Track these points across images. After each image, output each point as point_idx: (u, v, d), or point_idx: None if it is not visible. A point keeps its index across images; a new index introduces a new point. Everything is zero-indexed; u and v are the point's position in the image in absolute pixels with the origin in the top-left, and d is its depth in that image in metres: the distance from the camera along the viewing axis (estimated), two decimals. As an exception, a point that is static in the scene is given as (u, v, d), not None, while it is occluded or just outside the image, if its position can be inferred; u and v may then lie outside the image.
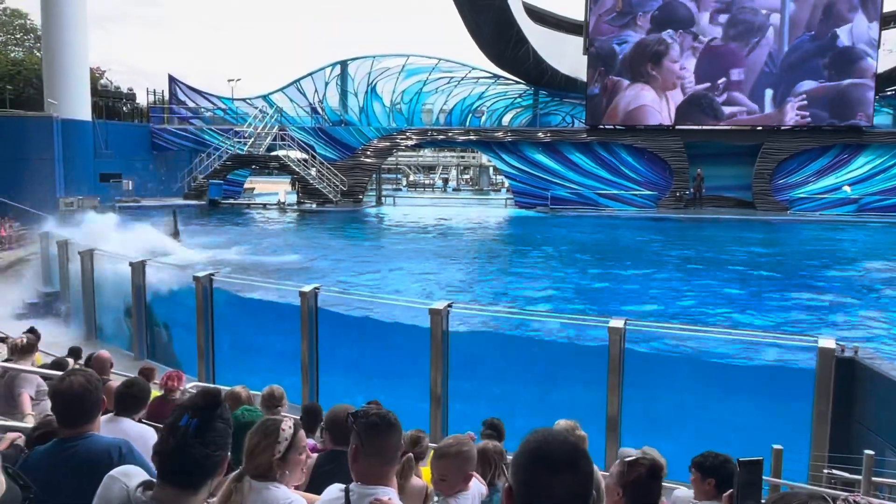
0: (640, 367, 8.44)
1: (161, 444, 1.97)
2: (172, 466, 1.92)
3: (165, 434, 1.95)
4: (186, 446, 1.90)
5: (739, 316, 13.58)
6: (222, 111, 37.83)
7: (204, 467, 1.93)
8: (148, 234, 19.49)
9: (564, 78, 34.93)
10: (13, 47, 48.24)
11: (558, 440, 1.50)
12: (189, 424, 1.90)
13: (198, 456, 1.90)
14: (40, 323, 13.08)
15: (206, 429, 1.92)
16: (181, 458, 1.90)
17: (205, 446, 1.91)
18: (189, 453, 1.90)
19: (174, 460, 1.91)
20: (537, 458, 1.47)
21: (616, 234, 27.17)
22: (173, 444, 1.91)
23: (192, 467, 1.91)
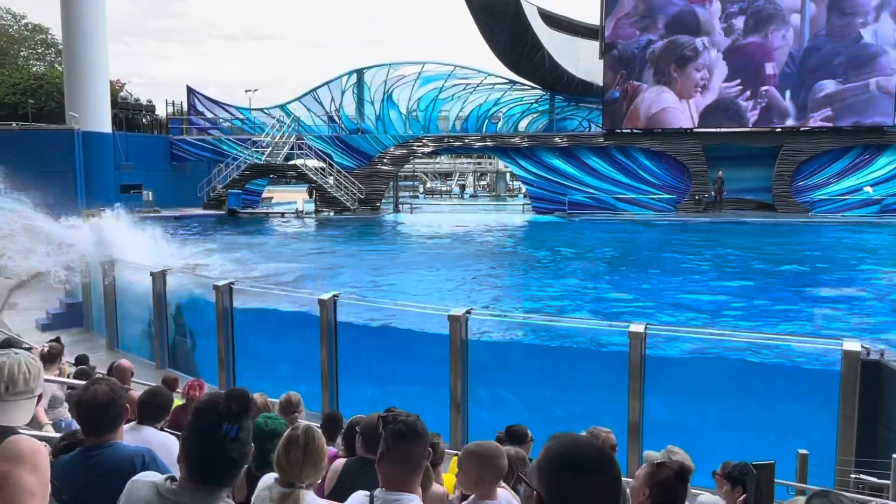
0: (661, 371, 8.37)
1: (196, 447, 2.03)
2: (211, 468, 2.02)
3: (201, 439, 2.02)
4: (227, 450, 2.00)
5: (761, 319, 13.43)
6: (240, 121, 38.14)
7: (239, 466, 2.06)
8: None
9: (580, 82, 34.87)
10: (35, 62, 49.04)
11: (584, 443, 1.50)
12: (229, 431, 1.99)
13: (236, 457, 2.02)
14: (63, 332, 13.25)
15: (240, 431, 2.03)
16: (221, 461, 2.01)
17: (241, 447, 2.03)
18: (229, 456, 2.00)
19: (213, 463, 2.01)
20: (566, 462, 1.47)
21: (636, 238, 27.01)
22: (213, 448, 2.00)
23: (231, 467, 2.03)
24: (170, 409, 4.23)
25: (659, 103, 32.82)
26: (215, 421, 2.01)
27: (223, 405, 2.04)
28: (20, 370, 2.29)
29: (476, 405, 8.99)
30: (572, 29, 35.32)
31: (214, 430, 1.99)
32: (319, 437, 2.78)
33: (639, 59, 32.92)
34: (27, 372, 2.31)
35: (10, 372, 2.25)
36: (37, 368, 2.36)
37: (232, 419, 2.01)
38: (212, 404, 2.08)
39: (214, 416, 2.02)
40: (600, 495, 1.44)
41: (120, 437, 2.84)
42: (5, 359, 2.30)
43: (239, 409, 2.04)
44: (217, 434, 1.99)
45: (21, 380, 2.25)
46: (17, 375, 2.25)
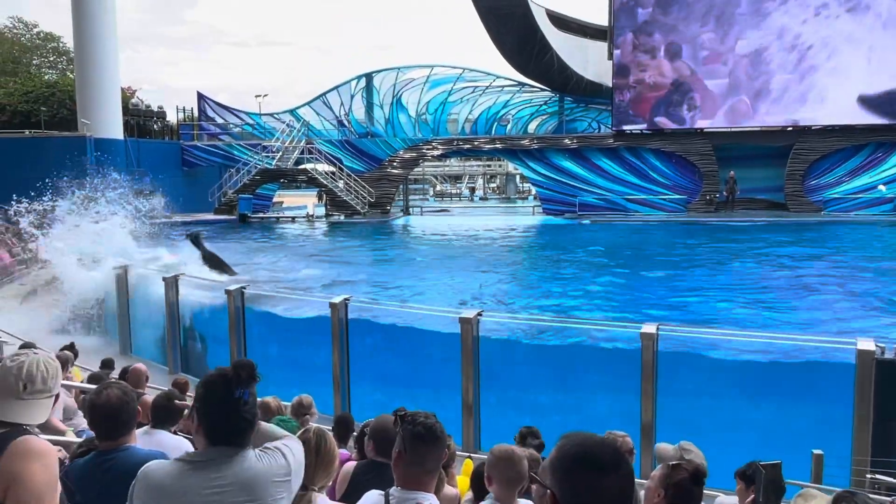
0: (673, 372, 8.34)
1: (215, 415, 2.22)
2: (229, 431, 2.21)
3: (218, 406, 2.22)
4: (242, 413, 2.22)
5: (776, 318, 13.35)
6: (250, 127, 38.31)
7: (252, 426, 2.27)
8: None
9: (589, 83, 34.81)
10: (47, 70, 49.44)
11: (598, 441, 1.51)
12: (243, 395, 2.21)
13: (249, 418, 2.24)
14: (76, 338, 13.33)
15: (250, 395, 2.25)
16: (238, 423, 2.21)
17: (252, 408, 2.25)
18: (244, 417, 2.23)
19: (231, 426, 2.21)
20: (581, 460, 1.47)
21: (648, 239, 26.91)
22: (230, 413, 2.20)
23: (247, 428, 2.25)
24: (182, 413, 4.25)
25: (670, 102, 32.69)
26: (228, 388, 2.21)
27: (232, 374, 2.24)
28: (38, 369, 2.33)
29: (487, 407, 8.99)
30: (581, 30, 35.27)
31: (229, 395, 2.20)
32: (330, 439, 2.80)
33: (652, 54, 32.81)
34: (45, 371, 2.35)
35: (28, 371, 2.29)
36: (54, 368, 2.41)
37: (242, 384, 2.21)
38: (222, 375, 2.27)
39: (226, 384, 2.22)
40: (614, 493, 1.45)
41: (133, 440, 2.86)
42: (24, 358, 2.34)
43: (247, 376, 2.23)
44: (231, 399, 2.19)
45: (39, 378, 2.30)
46: (35, 374, 2.29)
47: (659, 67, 32.83)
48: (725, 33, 32.08)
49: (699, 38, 32.33)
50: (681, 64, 32.56)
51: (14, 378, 2.30)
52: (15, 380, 2.29)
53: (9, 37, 49.59)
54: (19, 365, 2.32)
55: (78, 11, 30.97)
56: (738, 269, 19.20)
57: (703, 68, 32.41)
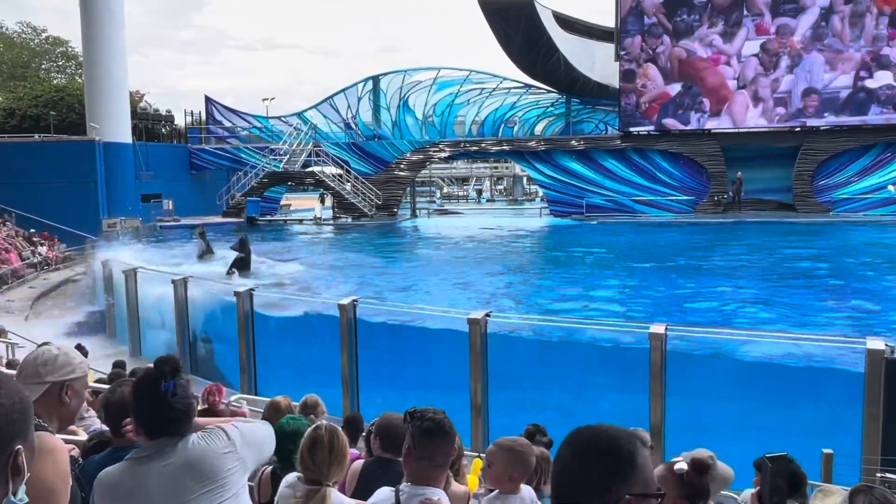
0: (682, 372, 8.33)
1: (146, 411, 2.31)
2: (163, 423, 2.28)
3: (146, 402, 2.30)
4: (173, 403, 2.27)
5: (785, 318, 13.32)
6: (258, 130, 38.44)
7: (188, 414, 2.33)
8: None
9: (596, 85, 34.79)
10: (56, 74, 49.73)
11: (590, 427, 1.50)
12: (168, 386, 2.28)
13: (183, 407, 2.30)
14: (87, 340, 13.41)
15: (177, 387, 2.30)
16: (171, 414, 2.27)
17: (183, 399, 2.30)
18: (175, 408, 2.28)
19: (164, 418, 2.27)
20: (568, 442, 1.49)
21: (656, 240, 26.86)
22: (160, 406, 2.26)
23: (182, 417, 2.31)
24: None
25: (679, 103, 32.65)
26: (154, 384, 2.29)
27: (154, 371, 2.32)
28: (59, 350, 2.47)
29: (496, 408, 8.99)
30: (587, 32, 35.27)
31: (155, 390, 2.27)
32: (342, 435, 2.82)
33: (658, 59, 32.79)
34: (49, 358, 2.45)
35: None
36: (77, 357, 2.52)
37: (167, 377, 2.29)
38: (145, 373, 2.38)
39: (151, 381, 2.30)
40: (599, 473, 1.42)
41: (147, 437, 2.89)
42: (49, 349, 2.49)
43: (170, 369, 2.31)
44: (158, 393, 2.27)
45: (42, 370, 2.40)
46: (38, 363, 2.42)
47: (666, 69, 32.78)
48: (733, 35, 32.01)
49: (706, 39, 32.27)
50: (688, 65, 32.50)
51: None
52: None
53: (18, 42, 49.91)
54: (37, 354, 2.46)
55: (86, 16, 31.15)
56: (750, 270, 19.14)
57: (710, 69, 32.33)
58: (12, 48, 49.23)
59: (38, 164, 28.92)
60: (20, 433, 1.28)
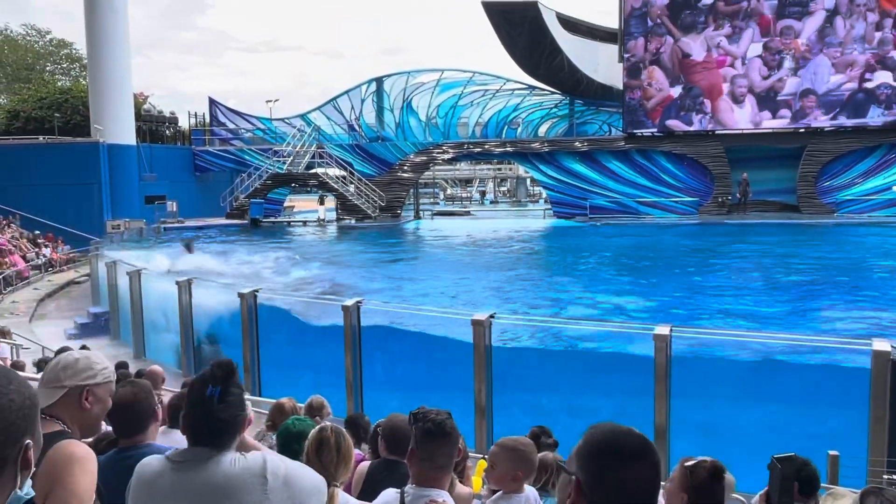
0: (687, 374, 8.30)
1: (190, 414, 2.21)
2: (203, 431, 2.18)
3: (193, 405, 2.20)
4: (214, 411, 2.15)
5: (790, 319, 13.28)
6: (262, 131, 38.47)
7: (230, 426, 2.20)
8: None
9: (600, 86, 34.77)
10: (60, 76, 49.86)
11: (625, 431, 1.53)
12: (213, 393, 2.16)
13: (225, 418, 2.18)
14: (91, 342, 13.44)
15: (226, 395, 2.17)
16: (210, 423, 2.16)
17: (228, 408, 2.18)
18: (218, 417, 2.16)
19: (204, 425, 2.17)
20: (609, 449, 1.49)
21: (660, 242, 26.82)
22: (204, 412, 2.16)
23: (223, 429, 2.19)
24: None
25: (683, 103, 32.63)
26: (202, 387, 2.19)
27: (208, 373, 2.22)
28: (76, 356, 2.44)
29: (501, 410, 8.98)
30: (591, 33, 35.25)
31: (201, 394, 2.17)
32: (347, 436, 2.82)
33: (662, 57, 32.76)
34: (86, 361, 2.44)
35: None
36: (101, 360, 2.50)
37: (215, 382, 2.18)
38: (199, 375, 2.27)
39: (202, 384, 2.20)
40: (640, 482, 1.46)
41: (154, 438, 2.89)
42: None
43: (222, 374, 2.20)
44: (203, 397, 2.16)
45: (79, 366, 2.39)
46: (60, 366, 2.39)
47: (669, 70, 32.76)
48: (737, 37, 31.97)
49: (710, 41, 32.24)
50: (692, 66, 32.47)
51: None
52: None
53: (22, 44, 50.06)
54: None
55: (90, 18, 31.24)
56: (756, 271, 19.10)
57: (714, 71, 32.30)
58: (17, 50, 49.39)
59: (42, 165, 29.00)
60: (29, 428, 1.31)
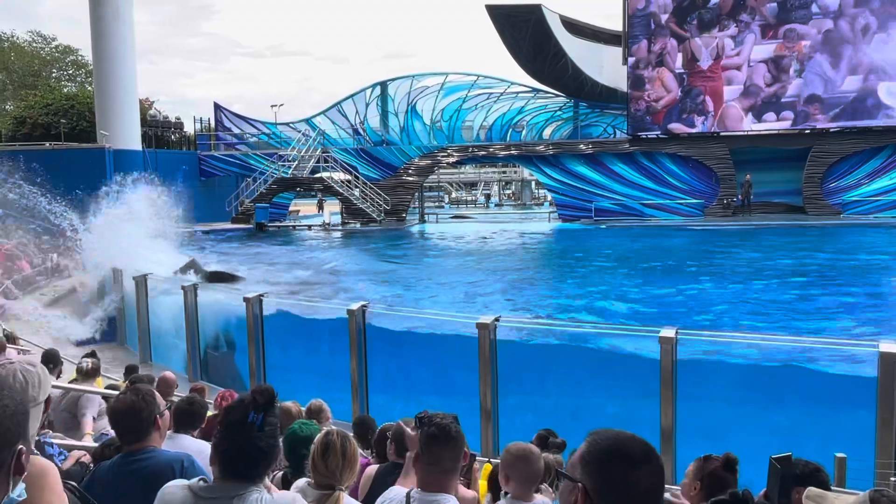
0: (692, 377, 8.28)
1: (226, 441, 2.10)
2: (240, 460, 2.07)
3: (230, 431, 2.10)
4: (254, 439, 2.06)
5: (795, 323, 13.24)
6: (267, 136, 38.56)
7: (267, 457, 2.12)
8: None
9: (604, 89, 34.76)
10: (66, 82, 50.07)
11: (629, 436, 1.55)
12: (255, 420, 2.07)
13: (263, 447, 2.09)
14: (98, 347, 13.46)
15: (265, 424, 2.10)
16: (249, 451, 2.07)
17: (267, 438, 2.09)
18: (257, 445, 2.07)
19: (243, 454, 2.07)
20: (616, 454, 1.50)
21: (666, 244, 26.77)
22: (242, 439, 2.06)
23: (259, 458, 2.09)
24: (204, 417, 4.29)
25: (687, 105, 32.60)
26: (242, 412, 2.10)
27: (249, 398, 2.14)
28: (16, 379, 2.16)
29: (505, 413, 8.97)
30: (595, 36, 35.25)
31: (241, 420, 2.08)
32: (352, 440, 2.82)
33: (667, 56, 32.74)
34: (23, 381, 2.18)
35: (4, 383, 2.12)
36: (35, 376, 2.21)
37: (258, 409, 2.09)
38: (240, 400, 2.19)
39: (242, 409, 2.11)
40: (646, 487, 1.48)
41: (158, 443, 2.89)
42: (0, 370, 2.20)
43: (264, 401, 2.12)
44: (244, 424, 2.07)
45: (18, 389, 2.08)
46: (13, 385, 2.09)
47: (674, 72, 32.74)
48: (741, 39, 31.93)
49: (715, 42, 32.20)
50: (696, 68, 32.44)
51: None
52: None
53: (28, 50, 50.29)
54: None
55: (96, 25, 31.37)
56: (762, 272, 19.05)
57: (718, 73, 32.26)
58: (23, 57, 49.63)
59: (48, 171, 29.06)
60: (22, 434, 1.32)
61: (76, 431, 5.84)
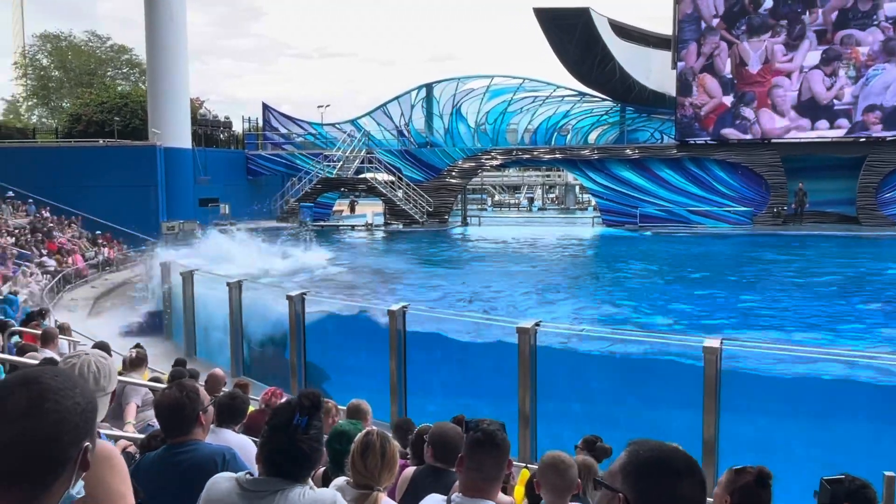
0: (738, 388, 8.12)
1: (272, 441, 2.17)
2: (284, 460, 2.14)
3: (275, 432, 2.17)
4: (298, 441, 2.13)
5: (844, 335, 12.88)
6: (313, 136, 39.00)
7: (310, 459, 2.18)
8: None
9: (652, 93, 34.33)
10: (120, 81, 51.36)
11: (672, 448, 1.54)
12: (301, 422, 2.14)
13: (307, 449, 2.15)
14: (144, 339, 13.76)
15: (310, 427, 2.17)
16: (294, 452, 2.14)
17: (311, 441, 2.16)
18: (300, 447, 2.13)
19: (287, 454, 2.14)
20: (659, 466, 1.49)
21: (714, 251, 26.30)
22: (286, 440, 2.13)
23: (303, 460, 2.15)
24: (246, 413, 4.36)
25: (738, 111, 32.00)
26: (288, 414, 2.17)
27: (296, 401, 2.21)
28: (90, 370, 2.34)
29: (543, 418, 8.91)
30: (644, 39, 34.86)
31: (287, 422, 2.15)
32: (392, 441, 2.83)
33: (717, 61, 32.20)
34: (97, 371, 2.35)
35: (79, 372, 2.31)
36: (107, 368, 2.39)
37: (303, 411, 2.16)
38: (287, 402, 2.26)
39: (288, 411, 2.18)
40: (689, 499, 1.47)
41: (202, 436, 2.95)
42: (75, 360, 2.38)
43: (310, 404, 2.19)
44: (289, 425, 2.14)
45: (91, 379, 2.31)
46: (86, 375, 2.31)
47: (724, 77, 32.17)
48: (795, 45, 31.22)
49: (764, 46, 31.54)
50: (748, 74, 31.82)
51: None
52: None
53: (85, 50, 51.71)
54: (71, 367, 2.36)
55: (150, 25, 32.11)
56: (813, 283, 18.59)
57: (770, 78, 31.59)
58: (80, 56, 51.03)
59: (102, 168, 29.88)
60: (90, 431, 1.38)
61: (121, 420, 6.00)
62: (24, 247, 21.59)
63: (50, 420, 1.30)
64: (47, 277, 19.50)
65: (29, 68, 51.80)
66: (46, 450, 1.29)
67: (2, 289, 14.97)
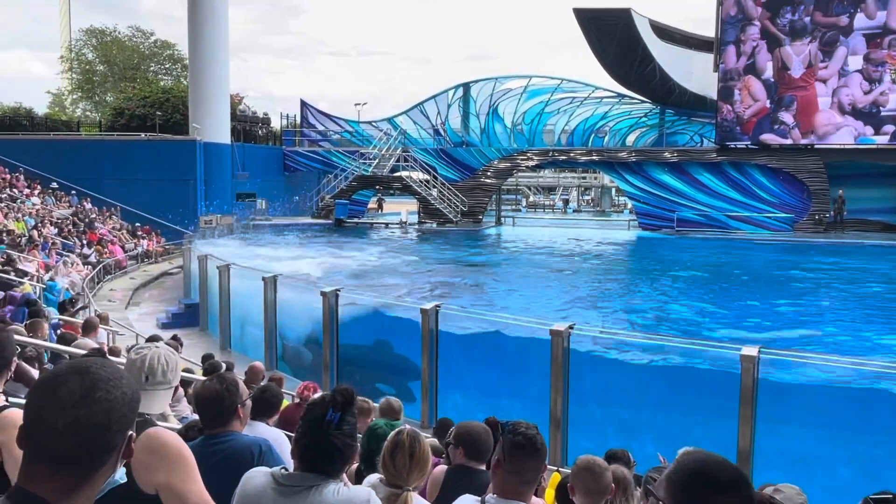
0: (776, 398, 7.96)
1: (306, 436, 2.20)
2: (317, 455, 2.18)
3: (309, 427, 2.20)
4: (331, 437, 2.16)
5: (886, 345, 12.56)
6: (349, 134, 39.26)
7: (343, 455, 2.21)
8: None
9: (693, 96, 33.87)
10: (163, 76, 52.26)
11: (719, 461, 1.50)
12: (334, 418, 2.17)
13: (340, 445, 2.18)
14: (181, 331, 13.98)
15: (343, 422, 2.19)
16: (327, 447, 2.17)
17: (343, 437, 2.20)
18: (333, 443, 2.17)
19: (320, 449, 2.17)
20: (702, 479, 1.47)
21: (755, 258, 25.84)
22: (320, 435, 2.16)
23: (336, 455, 2.18)
24: (279, 406, 4.39)
25: (778, 115, 31.42)
26: (322, 410, 2.20)
27: (330, 397, 2.23)
28: (159, 362, 2.46)
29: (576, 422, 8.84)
30: (685, 41, 34.39)
31: (320, 417, 2.18)
32: (423, 440, 2.83)
33: (759, 66, 31.65)
34: (165, 364, 2.47)
35: (150, 364, 2.42)
36: (174, 361, 2.53)
37: (336, 407, 2.19)
38: (321, 398, 2.28)
39: (322, 407, 2.21)
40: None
41: (239, 428, 3.00)
42: (146, 351, 2.48)
43: (343, 400, 2.21)
44: (322, 421, 2.17)
45: (160, 371, 2.43)
46: (156, 367, 2.43)
47: (767, 81, 31.60)
48: (838, 47, 30.55)
49: (807, 50, 30.91)
50: (791, 78, 31.22)
51: (137, 370, 2.44)
52: (138, 371, 2.43)
53: (129, 45, 52.71)
54: (142, 357, 2.47)
55: (193, 22, 32.62)
56: (855, 293, 18.18)
57: (812, 83, 30.95)
58: (124, 51, 52.03)
59: (143, 161, 30.43)
60: (133, 421, 1.45)
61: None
62: (67, 237, 22.06)
63: (101, 408, 1.35)
64: (88, 268, 19.90)
65: (74, 62, 52.93)
66: (97, 437, 1.35)
67: (44, 277, 15.32)
